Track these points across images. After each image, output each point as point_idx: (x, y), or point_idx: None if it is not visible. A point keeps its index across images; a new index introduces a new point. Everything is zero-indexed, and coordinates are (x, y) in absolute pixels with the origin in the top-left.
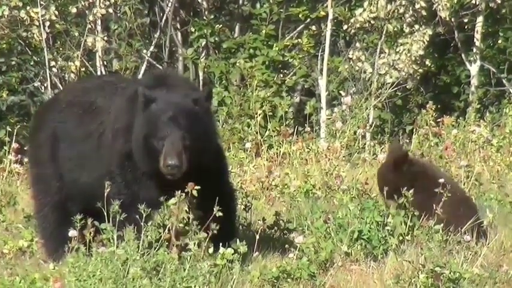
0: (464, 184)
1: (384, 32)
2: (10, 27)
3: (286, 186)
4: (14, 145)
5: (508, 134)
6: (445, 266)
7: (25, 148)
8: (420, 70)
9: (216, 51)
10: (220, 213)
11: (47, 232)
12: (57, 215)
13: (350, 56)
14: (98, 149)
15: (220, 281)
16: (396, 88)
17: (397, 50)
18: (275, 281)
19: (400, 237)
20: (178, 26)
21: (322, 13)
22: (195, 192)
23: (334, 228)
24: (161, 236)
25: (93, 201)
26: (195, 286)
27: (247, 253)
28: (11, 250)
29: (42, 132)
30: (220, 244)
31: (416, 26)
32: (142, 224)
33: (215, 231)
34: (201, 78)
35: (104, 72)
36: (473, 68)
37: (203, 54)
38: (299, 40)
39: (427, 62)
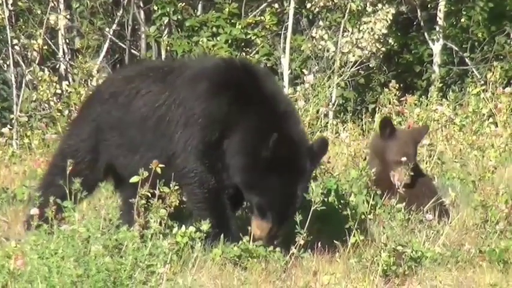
0: (426, 163)
1: (347, 11)
2: None
3: None
4: None
5: (471, 113)
6: (407, 245)
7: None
8: (383, 49)
9: (179, 30)
10: None
11: None
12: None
13: (313, 34)
14: (157, 132)
15: (182, 259)
16: (359, 67)
17: (360, 28)
18: (237, 259)
19: (363, 216)
20: (141, 4)
21: None
22: (158, 170)
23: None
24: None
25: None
26: (156, 264)
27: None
28: None
29: (86, 126)
30: None
31: (380, 5)
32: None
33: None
34: (163, 56)
35: (65, 50)
36: (436, 47)
37: (166, 33)
38: (262, 18)
39: (390, 41)
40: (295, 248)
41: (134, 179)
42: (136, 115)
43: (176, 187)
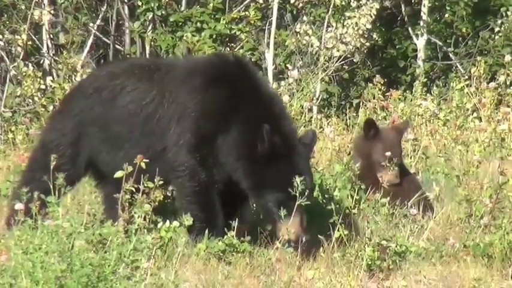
0: (411, 158)
1: (331, 6)
2: None
3: None
4: None
5: (455, 107)
6: (391, 240)
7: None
8: (367, 44)
9: (163, 25)
10: None
11: None
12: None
13: (297, 29)
14: (145, 129)
15: (166, 254)
16: (343, 62)
17: (345, 23)
18: (221, 254)
19: (347, 211)
20: (125, 0)
21: None
22: (143, 165)
23: None
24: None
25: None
26: (140, 259)
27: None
28: None
29: (68, 120)
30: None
31: (364, 0)
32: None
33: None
34: (147, 52)
35: (50, 46)
36: (420, 42)
37: (150, 28)
38: (246, 13)
39: (374, 36)
40: (279, 243)
41: (118, 174)
42: (121, 111)
43: (161, 182)
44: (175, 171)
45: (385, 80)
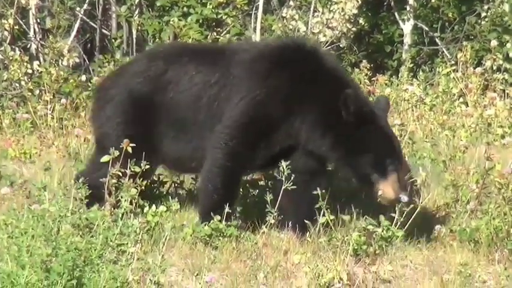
0: None
1: None
2: None
3: None
4: None
5: (441, 92)
6: (377, 225)
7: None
8: (354, 29)
9: (150, 9)
10: None
11: None
12: None
13: (284, 14)
14: (209, 111)
15: (153, 238)
16: (330, 47)
17: (331, 8)
18: (208, 238)
19: (334, 196)
20: None
21: None
22: (129, 149)
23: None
24: (92, 193)
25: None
26: (127, 243)
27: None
28: None
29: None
30: None
31: None
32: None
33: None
34: (134, 36)
35: (36, 30)
36: (407, 27)
37: (137, 12)
38: None
39: (361, 21)
40: (266, 227)
41: (105, 158)
42: (185, 95)
43: (147, 166)
44: (216, 140)
45: (372, 65)
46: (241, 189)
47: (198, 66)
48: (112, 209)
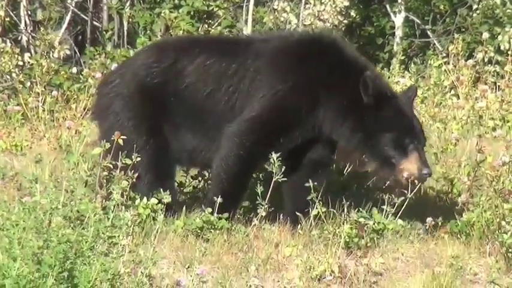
0: None
1: None
2: None
3: None
4: None
5: (433, 85)
6: (369, 217)
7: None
8: (345, 21)
9: (141, 1)
10: None
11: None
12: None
13: (275, 6)
14: (227, 103)
15: (144, 231)
16: None
17: (322, 1)
18: (199, 231)
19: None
20: None
21: None
22: (120, 141)
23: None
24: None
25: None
26: (118, 236)
27: (171, 203)
28: None
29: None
30: None
31: None
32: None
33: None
34: (125, 28)
35: (27, 22)
36: (398, 19)
37: (128, 4)
38: None
39: (352, 13)
40: (257, 220)
41: (96, 150)
42: (201, 86)
43: (138, 159)
44: (235, 132)
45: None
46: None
47: (211, 57)
48: (103, 201)
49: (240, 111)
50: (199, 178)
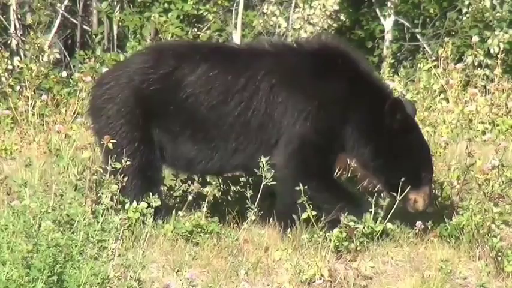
0: None
1: None
2: None
3: None
4: None
5: (422, 89)
6: (359, 221)
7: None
8: (335, 25)
9: (131, 5)
10: None
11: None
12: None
13: (264, 10)
14: (239, 118)
15: (134, 234)
16: None
17: (312, 4)
18: (189, 235)
19: None
20: None
21: None
22: (110, 145)
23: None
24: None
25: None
26: (107, 240)
27: (160, 207)
28: None
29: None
30: None
31: None
32: None
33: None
34: (115, 32)
35: (17, 26)
36: (388, 23)
37: (117, 8)
38: None
39: (342, 17)
40: (247, 224)
41: (85, 154)
42: (201, 97)
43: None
44: (289, 176)
45: None
46: (222, 186)
47: (214, 67)
48: (93, 205)
49: (259, 130)
50: (189, 182)
